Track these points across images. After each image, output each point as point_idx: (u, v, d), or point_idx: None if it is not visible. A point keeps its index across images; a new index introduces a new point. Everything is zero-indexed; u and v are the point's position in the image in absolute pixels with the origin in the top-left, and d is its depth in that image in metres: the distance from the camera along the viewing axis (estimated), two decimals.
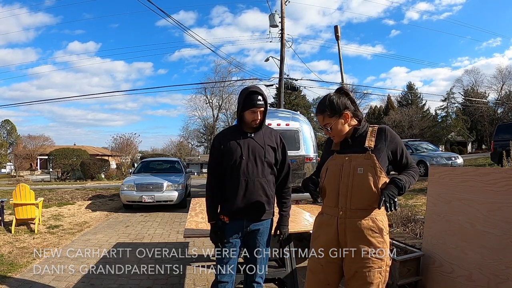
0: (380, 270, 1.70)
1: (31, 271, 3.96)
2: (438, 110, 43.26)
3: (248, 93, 2.10)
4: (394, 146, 1.79)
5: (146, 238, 5.73)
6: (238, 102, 2.18)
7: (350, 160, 1.76)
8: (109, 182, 18.74)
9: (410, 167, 1.83)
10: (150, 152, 42.99)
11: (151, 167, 10.85)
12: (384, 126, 1.84)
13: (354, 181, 1.72)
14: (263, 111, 2.12)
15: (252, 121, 2.12)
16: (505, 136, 10.30)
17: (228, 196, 2.14)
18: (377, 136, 1.77)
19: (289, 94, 34.29)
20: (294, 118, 7.45)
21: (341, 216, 1.74)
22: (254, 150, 2.14)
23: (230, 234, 2.14)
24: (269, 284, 3.20)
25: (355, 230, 1.71)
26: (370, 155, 1.72)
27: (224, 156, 2.14)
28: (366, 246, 1.70)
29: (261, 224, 2.17)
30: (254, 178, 2.11)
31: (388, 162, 1.80)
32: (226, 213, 2.15)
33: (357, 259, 1.71)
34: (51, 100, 63.85)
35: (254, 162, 2.13)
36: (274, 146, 2.20)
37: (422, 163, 12.52)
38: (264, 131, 2.22)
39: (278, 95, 15.96)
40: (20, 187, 5.95)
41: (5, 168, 34.39)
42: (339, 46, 16.02)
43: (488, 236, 2.52)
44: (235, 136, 2.16)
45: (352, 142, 1.81)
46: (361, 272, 1.70)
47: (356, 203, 1.72)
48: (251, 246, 2.18)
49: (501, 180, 2.51)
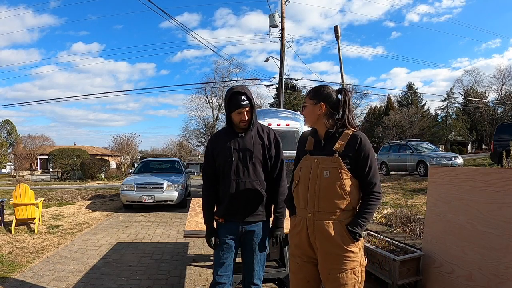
0: (353, 271, 1.69)
1: (31, 271, 3.96)
2: (438, 110, 43.35)
3: (232, 94, 2.07)
4: (362, 157, 1.72)
5: (146, 238, 5.73)
6: (224, 104, 2.16)
7: (318, 162, 1.75)
8: (109, 182, 18.74)
9: (371, 193, 1.72)
10: (150, 152, 42.94)
11: (151, 167, 10.84)
12: (358, 133, 1.76)
13: (321, 184, 1.72)
14: (249, 110, 2.09)
15: (239, 122, 2.10)
16: (505, 136, 10.29)
17: (222, 198, 2.14)
18: (348, 141, 1.74)
19: (289, 94, 34.27)
20: (294, 118, 7.46)
21: (310, 218, 1.75)
22: (244, 150, 2.11)
23: (225, 235, 2.13)
24: (269, 284, 3.20)
25: (323, 232, 1.71)
26: (336, 158, 1.71)
27: (216, 158, 2.14)
28: (335, 248, 1.69)
29: (256, 226, 2.14)
30: (246, 179, 2.09)
31: (354, 171, 1.72)
32: (220, 214, 2.15)
33: (328, 261, 1.72)
34: (53, 100, 63.79)
35: (245, 163, 2.10)
36: (266, 143, 2.16)
37: (422, 163, 12.52)
38: (255, 130, 2.18)
39: (278, 95, 15.95)
40: (20, 187, 5.95)
41: (5, 168, 34.36)
42: (339, 46, 16.05)
43: (488, 236, 2.52)
44: (226, 138, 2.15)
45: (325, 143, 1.81)
46: (333, 274, 1.70)
47: (324, 206, 1.71)
48: (247, 248, 2.16)
49: (501, 180, 2.51)
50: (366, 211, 1.72)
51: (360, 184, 1.75)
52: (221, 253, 2.13)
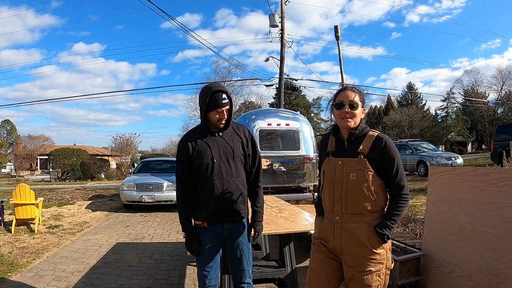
0: (379, 273, 1.69)
1: (31, 271, 3.96)
2: (438, 110, 43.31)
3: (211, 93, 2.00)
4: (388, 160, 1.70)
5: (146, 238, 5.73)
6: (200, 103, 2.06)
7: (343, 164, 1.73)
8: (109, 182, 18.73)
9: (400, 196, 1.72)
10: (150, 152, 42.96)
11: (151, 167, 10.84)
12: (383, 135, 1.75)
13: (348, 187, 1.70)
14: (228, 109, 2.04)
15: (218, 121, 2.04)
16: (505, 136, 10.30)
17: (204, 201, 2.06)
18: (373, 143, 1.72)
19: (289, 94, 34.29)
20: (294, 118, 7.46)
21: (338, 221, 1.74)
22: (225, 150, 2.07)
23: (211, 239, 2.08)
24: (269, 284, 3.20)
25: (351, 234, 1.71)
26: (362, 160, 1.69)
27: (194, 160, 2.05)
28: (362, 250, 1.69)
29: (240, 224, 2.13)
30: (229, 179, 2.05)
31: (380, 173, 1.71)
32: (204, 218, 2.07)
33: (354, 263, 1.71)
34: (53, 100, 63.87)
35: (227, 162, 2.05)
36: (243, 141, 2.13)
37: (422, 163, 12.53)
38: (230, 128, 2.13)
39: (278, 95, 15.96)
40: (20, 187, 5.95)
41: (5, 168, 34.37)
42: (339, 46, 16.06)
43: (488, 236, 2.52)
44: (203, 138, 2.07)
45: (348, 145, 1.78)
46: (358, 276, 1.69)
47: (352, 208, 1.70)
48: (234, 248, 2.12)
49: (501, 180, 2.51)
50: (395, 213, 1.71)
51: (387, 186, 1.74)
52: (208, 257, 2.09)
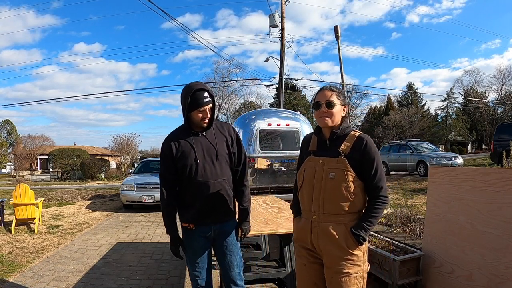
0: (357, 276, 1.67)
1: (31, 271, 3.96)
2: (438, 110, 43.33)
3: (192, 92, 1.94)
4: (368, 160, 1.68)
5: (146, 238, 5.73)
6: (182, 103, 2.01)
7: (323, 163, 1.72)
8: (109, 182, 18.73)
9: (378, 197, 1.69)
10: (150, 152, 42.90)
11: (151, 167, 10.83)
12: (365, 136, 1.73)
13: (326, 186, 1.69)
14: (211, 107, 1.99)
15: (201, 120, 1.99)
16: (505, 136, 10.29)
17: (190, 202, 2.03)
18: (354, 144, 1.70)
19: (289, 94, 34.27)
20: (294, 118, 7.46)
21: (314, 220, 1.73)
22: (209, 150, 2.03)
23: (198, 240, 2.06)
24: (269, 284, 3.20)
25: (327, 234, 1.69)
26: (342, 160, 1.68)
27: (178, 162, 2.01)
28: (339, 250, 1.67)
29: (227, 225, 2.10)
30: (214, 180, 2.01)
31: (360, 174, 1.69)
32: (190, 220, 2.04)
33: (331, 263, 1.70)
34: (53, 100, 63.87)
35: (211, 163, 2.01)
36: (227, 140, 2.09)
37: (422, 163, 12.53)
38: (214, 127, 2.09)
39: (278, 95, 15.96)
40: (20, 187, 5.95)
41: (5, 168, 34.36)
42: (339, 46, 16.07)
43: (488, 236, 2.52)
44: (186, 138, 2.03)
45: (329, 144, 1.77)
46: (336, 278, 1.67)
47: (329, 208, 1.69)
48: (223, 249, 2.10)
49: (501, 180, 2.50)
50: (372, 215, 1.69)
51: (366, 187, 1.71)
52: (197, 258, 2.06)
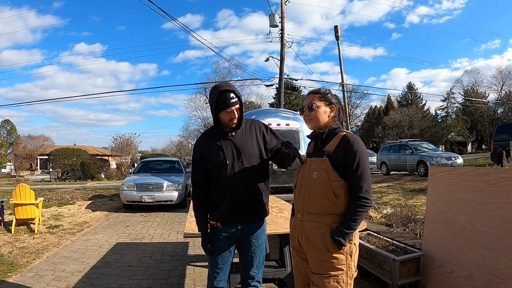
0: (337, 279, 1.63)
1: (31, 271, 3.96)
2: (438, 110, 43.35)
3: (219, 93, 1.95)
4: (349, 158, 1.64)
5: (146, 238, 5.73)
6: (210, 105, 2.02)
7: (310, 164, 1.76)
8: (109, 182, 18.74)
9: (358, 198, 1.61)
10: (150, 152, 42.92)
11: (151, 167, 10.86)
12: (349, 134, 1.73)
13: (310, 185, 1.72)
14: (238, 108, 1.99)
15: (229, 121, 1.99)
16: (505, 136, 10.29)
17: (218, 202, 2.04)
18: (339, 143, 1.71)
19: (289, 94, 34.27)
20: (294, 118, 7.47)
21: (299, 219, 1.76)
22: (239, 150, 2.02)
23: (223, 239, 2.06)
24: (269, 284, 3.20)
25: (310, 234, 1.70)
26: (324, 160, 1.70)
27: (207, 162, 2.03)
28: (318, 252, 1.66)
29: (254, 227, 2.09)
30: (243, 180, 2.00)
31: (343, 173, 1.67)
32: (218, 218, 2.05)
33: (312, 263, 1.71)
34: (54, 100, 63.49)
35: (240, 163, 2.01)
36: (258, 138, 2.08)
37: (422, 163, 12.52)
38: (244, 126, 2.08)
39: (278, 95, 15.95)
40: (20, 187, 5.95)
41: (5, 168, 34.36)
42: (339, 46, 16.01)
43: (488, 236, 2.52)
44: (216, 139, 2.04)
45: (320, 145, 1.80)
46: (315, 278, 1.68)
47: (311, 207, 1.70)
48: (246, 250, 2.10)
49: (501, 180, 2.50)
50: (352, 218, 1.62)
51: (349, 187, 1.67)
52: (219, 258, 2.07)
